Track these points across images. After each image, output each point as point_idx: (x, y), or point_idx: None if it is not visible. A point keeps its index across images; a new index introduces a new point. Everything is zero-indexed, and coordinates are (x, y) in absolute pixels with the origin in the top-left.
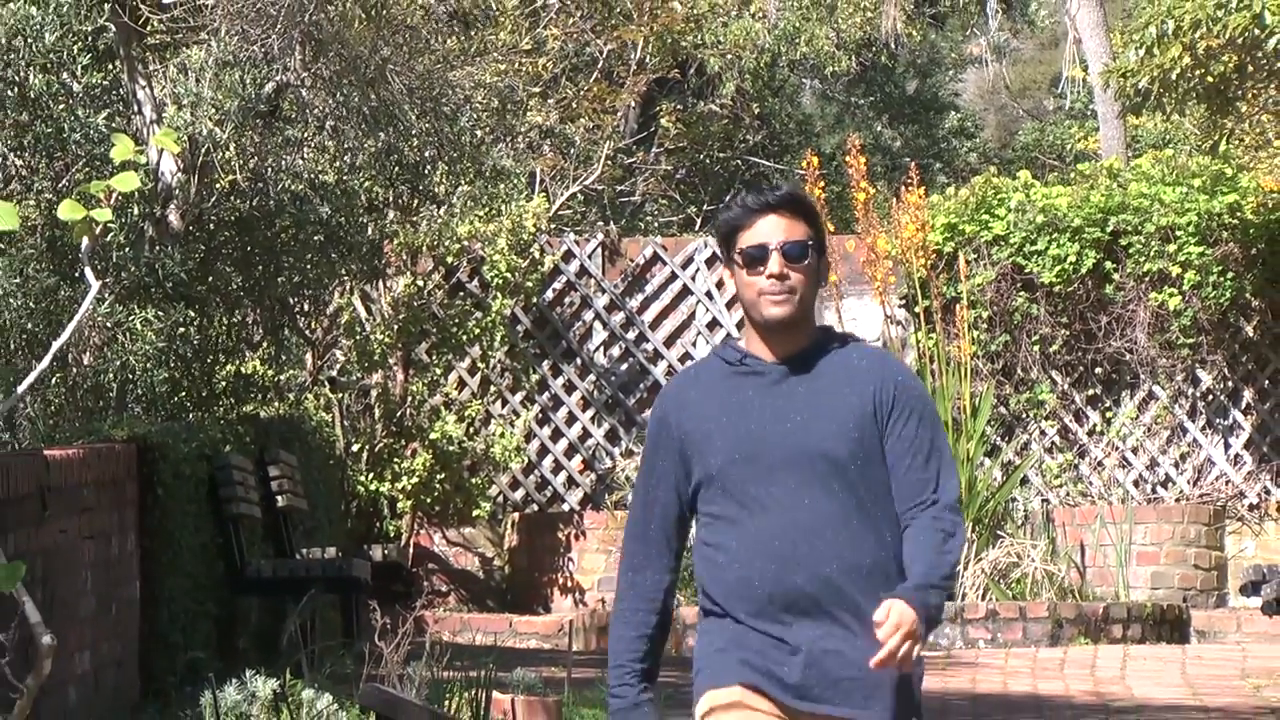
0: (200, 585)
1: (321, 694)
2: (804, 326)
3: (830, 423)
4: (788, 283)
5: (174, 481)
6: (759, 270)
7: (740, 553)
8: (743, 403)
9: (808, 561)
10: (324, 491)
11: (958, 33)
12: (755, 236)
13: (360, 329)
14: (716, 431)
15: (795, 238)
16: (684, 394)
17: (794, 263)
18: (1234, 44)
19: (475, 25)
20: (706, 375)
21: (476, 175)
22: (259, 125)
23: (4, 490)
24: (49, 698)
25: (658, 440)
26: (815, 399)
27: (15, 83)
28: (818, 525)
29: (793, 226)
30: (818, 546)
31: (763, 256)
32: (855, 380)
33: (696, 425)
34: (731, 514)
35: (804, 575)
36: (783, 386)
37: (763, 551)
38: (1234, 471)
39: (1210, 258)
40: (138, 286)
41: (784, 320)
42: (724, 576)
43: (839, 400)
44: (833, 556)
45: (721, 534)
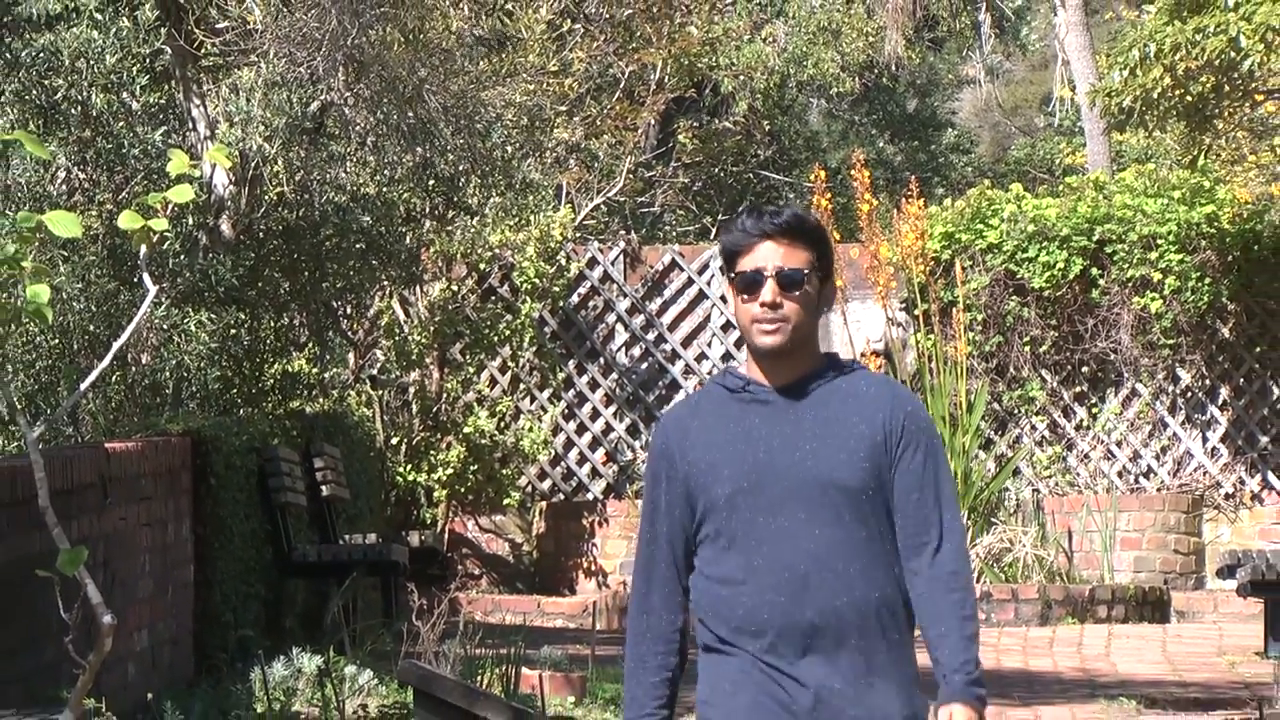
0: (250, 569)
1: (363, 670)
2: (802, 354)
3: (841, 451)
4: (780, 311)
5: (226, 472)
6: (753, 297)
7: (748, 585)
8: (749, 431)
9: (818, 594)
10: (365, 481)
11: (954, 55)
12: (752, 262)
13: (399, 330)
14: (723, 461)
15: (793, 265)
16: (685, 424)
17: (789, 291)
18: (1211, 66)
19: (505, 48)
20: (708, 404)
21: (507, 188)
22: (305, 141)
23: (68, 480)
24: (109, 673)
25: (660, 473)
26: (824, 427)
27: (78, 102)
28: (828, 557)
29: (791, 253)
30: (828, 579)
31: (758, 283)
32: (864, 408)
33: (701, 455)
34: (738, 545)
35: (814, 608)
36: (790, 414)
37: (772, 584)
38: (1211, 463)
39: (1189, 264)
40: (192, 291)
41: (775, 349)
42: (730, 610)
43: (848, 429)
44: (843, 589)
45: (727, 566)
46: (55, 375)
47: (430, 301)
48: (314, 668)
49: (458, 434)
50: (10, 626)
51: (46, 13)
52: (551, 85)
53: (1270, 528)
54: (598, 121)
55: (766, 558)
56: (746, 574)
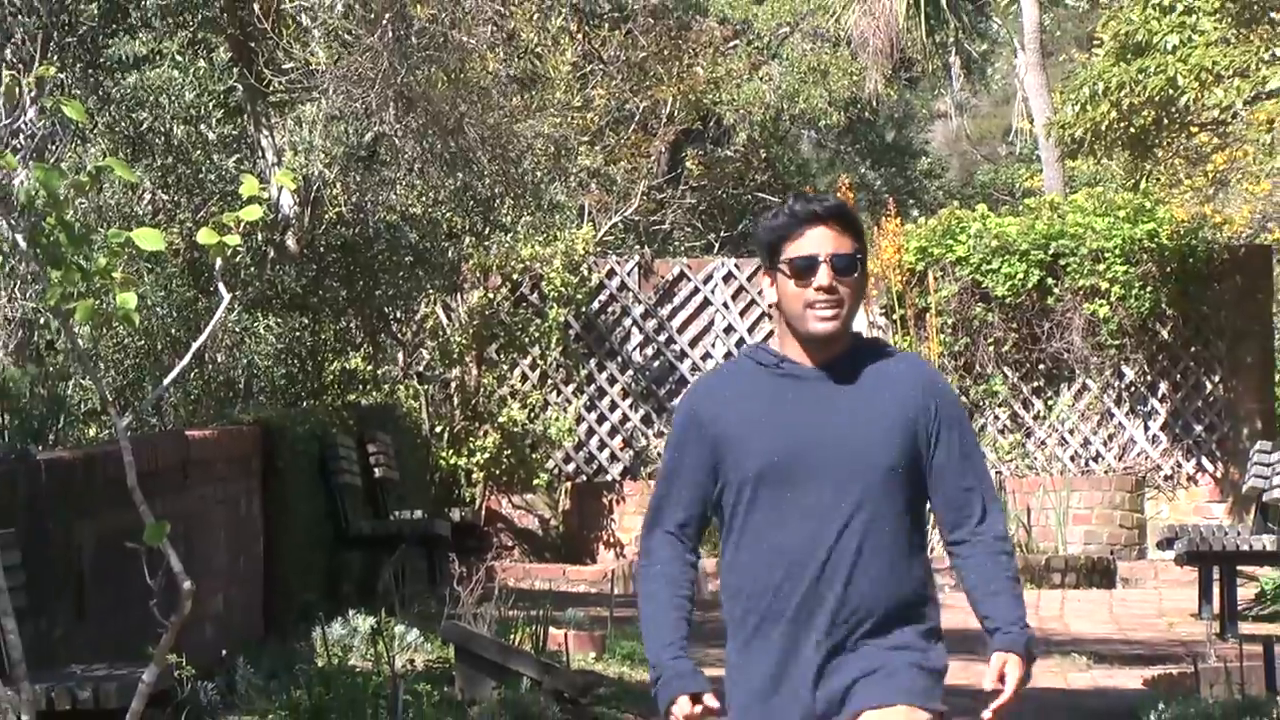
0: (312, 541)
1: (410, 629)
2: (842, 335)
3: (875, 429)
4: (836, 295)
5: (291, 457)
6: (807, 282)
7: (778, 558)
8: (782, 405)
9: (842, 571)
10: (412, 465)
11: (927, 93)
12: (804, 247)
13: (442, 333)
14: (754, 433)
15: (844, 250)
16: (717, 392)
17: (843, 276)
18: (1152, 102)
19: (535, 86)
20: (740, 376)
21: (537, 208)
22: (360, 167)
23: (153, 463)
24: (189, 633)
25: (686, 435)
26: (857, 405)
27: (162, 133)
28: (858, 532)
29: (841, 239)
30: (858, 555)
31: (812, 268)
32: (896, 387)
33: (731, 424)
34: (767, 518)
35: (837, 584)
36: (823, 391)
37: (801, 557)
38: (1152, 449)
39: (1133, 275)
40: (261, 298)
41: (831, 334)
42: (757, 584)
43: (881, 408)
44: (868, 566)
45: (755, 539)
46: (141, 372)
47: (469, 307)
48: (367, 628)
49: (493, 423)
50: (103, 592)
51: (134, 55)
52: (575, 119)
53: (1204, 505)
54: (615, 150)
55: (794, 531)
56: (773, 546)
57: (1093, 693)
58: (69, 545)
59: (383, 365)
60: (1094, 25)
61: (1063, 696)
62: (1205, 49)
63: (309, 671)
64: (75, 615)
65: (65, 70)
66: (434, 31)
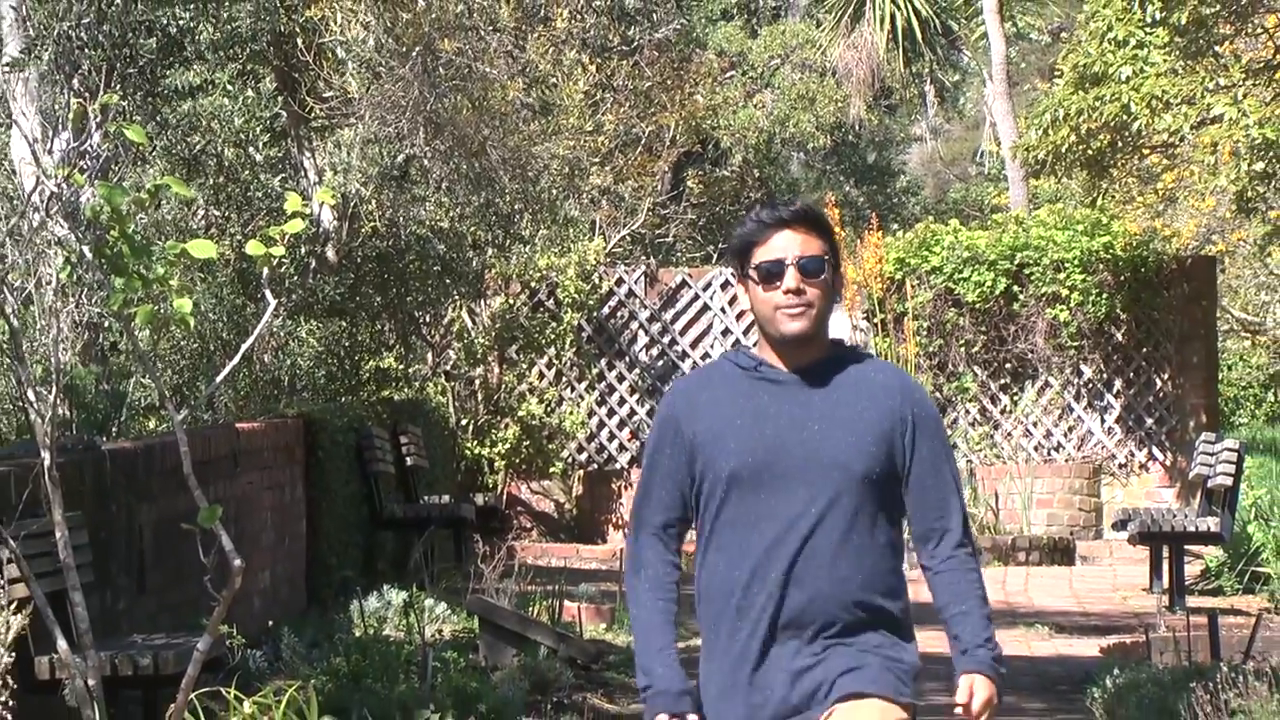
0: (349, 523)
1: (438, 603)
2: (818, 339)
3: (849, 435)
4: (804, 298)
5: (330, 447)
6: (775, 285)
7: (743, 559)
8: (758, 408)
9: (813, 573)
10: (440, 454)
11: (905, 118)
12: (771, 251)
13: (467, 335)
14: (730, 434)
15: (811, 253)
16: (695, 395)
17: (810, 278)
18: (1108, 127)
19: (551, 113)
20: (718, 378)
21: (552, 222)
22: (393, 186)
23: (206, 453)
24: (239, 605)
25: (664, 437)
26: (833, 410)
27: (214, 155)
28: (826, 536)
29: (808, 241)
30: (823, 559)
31: (779, 271)
32: (874, 395)
33: (708, 426)
34: (738, 519)
35: (808, 586)
36: (800, 395)
37: (767, 560)
38: (1108, 440)
39: (1090, 283)
40: (303, 305)
41: (800, 335)
42: (726, 583)
43: (857, 414)
44: (837, 570)
45: (726, 540)
46: (195, 371)
47: (492, 312)
48: (400, 601)
49: (513, 416)
50: (162, 569)
51: (189, 84)
52: (587, 142)
53: (1154, 490)
54: (623, 170)
55: (765, 533)
56: (745, 548)
57: (1054, 660)
58: (131, 527)
59: (413, 364)
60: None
61: (1027, 663)
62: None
63: (347, 640)
64: (136, 590)
65: (127, 98)
66: (459, 63)
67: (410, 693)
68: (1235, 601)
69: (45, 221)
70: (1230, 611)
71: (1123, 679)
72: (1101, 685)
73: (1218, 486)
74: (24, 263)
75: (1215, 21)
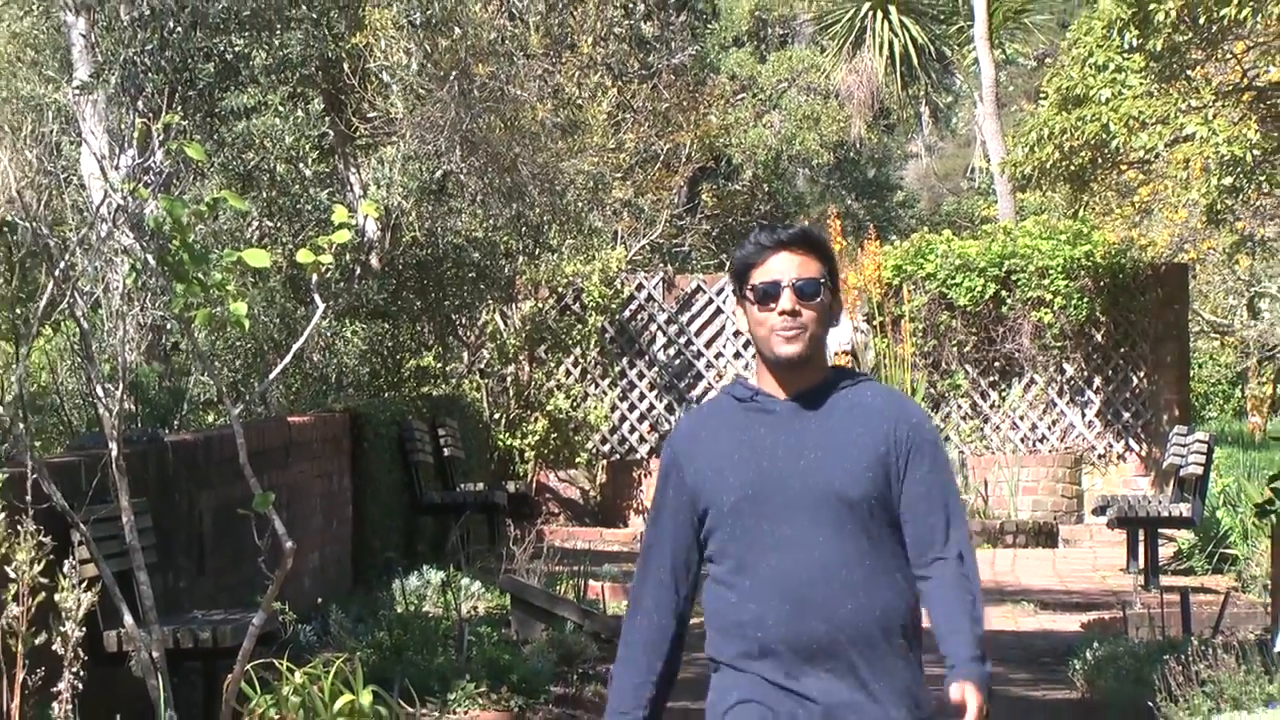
0: (392, 509)
1: (474, 581)
2: (815, 363)
3: (844, 461)
4: (799, 319)
5: (374, 439)
6: (771, 307)
7: (753, 592)
8: (755, 440)
9: (822, 602)
10: (475, 445)
11: (902, 136)
12: (768, 273)
13: (500, 336)
14: (729, 468)
15: (808, 275)
16: (695, 433)
17: (806, 300)
18: (1089, 144)
19: (576, 132)
20: (717, 414)
21: (578, 232)
22: (431, 199)
23: (261, 444)
24: (290, 584)
25: (668, 480)
26: (828, 437)
27: (266, 170)
28: (832, 565)
29: (805, 264)
30: (832, 587)
31: (775, 293)
32: (869, 419)
33: (708, 463)
34: (743, 553)
35: (818, 616)
36: (795, 424)
37: (777, 591)
38: (1088, 432)
39: (1072, 288)
40: (349, 308)
41: (795, 358)
42: (736, 616)
43: (852, 439)
44: (847, 597)
45: (733, 573)
46: (250, 369)
47: (522, 315)
48: (438, 580)
49: (542, 411)
50: (220, 551)
51: (244, 106)
52: (610, 158)
53: (1131, 478)
54: (643, 185)
55: (771, 565)
56: (752, 581)
57: (1039, 634)
58: (191, 512)
59: (450, 363)
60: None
61: (1014, 637)
62: (1133, 101)
63: (389, 616)
64: (196, 570)
65: (187, 118)
66: (492, 86)
67: (448, 664)
68: (1205, 581)
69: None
70: (1200, 590)
71: (1102, 651)
72: (1082, 657)
73: (1189, 475)
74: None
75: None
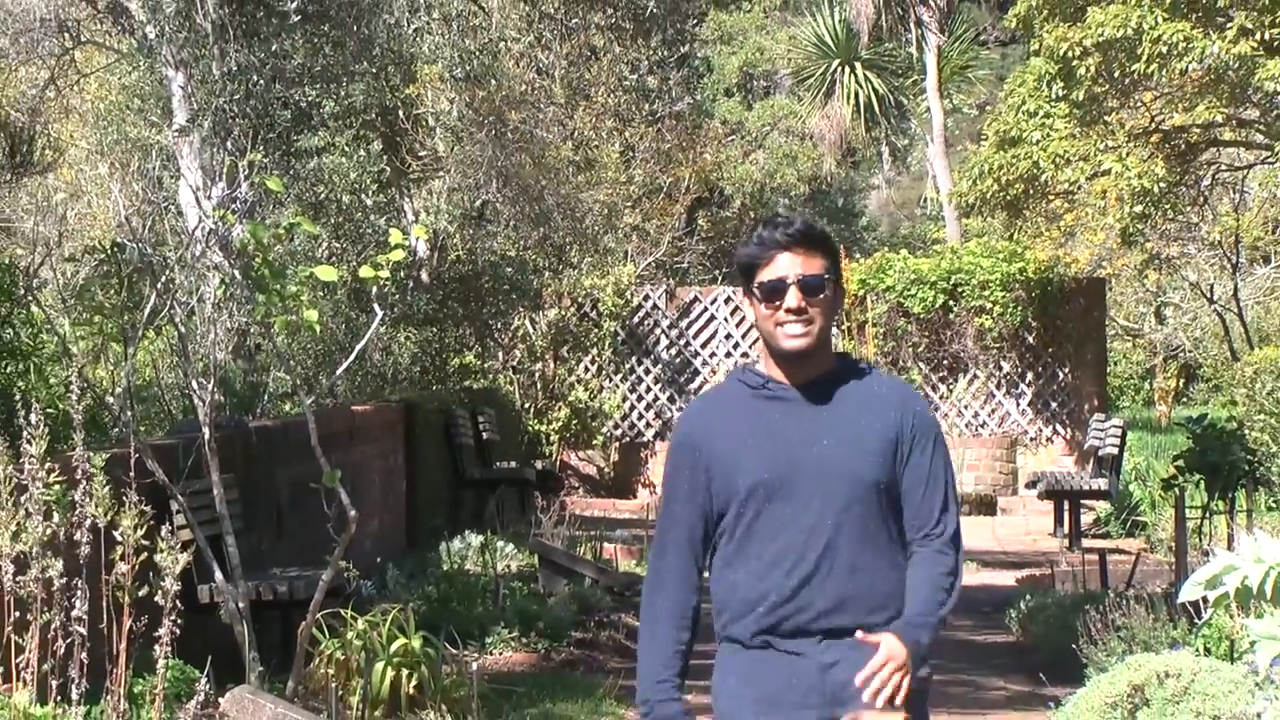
0: (439, 484)
1: (507, 544)
2: (821, 354)
3: (856, 446)
4: (805, 315)
5: (424, 425)
6: (777, 304)
7: (763, 571)
8: (770, 425)
9: (830, 581)
10: (508, 430)
11: (866, 171)
12: (773, 271)
13: (529, 338)
14: (744, 453)
15: (812, 271)
16: (709, 417)
17: (811, 295)
18: (1022, 178)
19: (593, 167)
20: (728, 399)
21: (594, 252)
22: (472, 224)
23: (329, 428)
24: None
25: (680, 461)
26: (840, 424)
27: (334, 200)
28: (841, 546)
29: (809, 260)
30: (840, 567)
31: (781, 290)
32: (877, 407)
33: (723, 446)
34: (754, 534)
35: (825, 595)
36: (807, 411)
37: (785, 570)
38: (1022, 419)
39: (1008, 298)
40: (403, 316)
41: (802, 351)
42: (745, 594)
43: (863, 426)
44: (854, 577)
45: (744, 553)
46: (319, 366)
47: (548, 320)
48: (478, 543)
49: (564, 401)
50: (295, 518)
51: (315, 146)
52: (621, 190)
53: (1058, 458)
54: (649, 212)
55: (781, 545)
56: (761, 560)
57: (980, 589)
58: (271, 486)
59: (488, 361)
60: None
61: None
62: (1059, 142)
63: (437, 573)
64: (275, 534)
65: (268, 157)
66: (523, 130)
67: (486, 613)
68: (1120, 543)
69: (205, 251)
70: (1116, 551)
71: (1033, 603)
72: (1017, 608)
73: (1106, 455)
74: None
75: (1105, 97)
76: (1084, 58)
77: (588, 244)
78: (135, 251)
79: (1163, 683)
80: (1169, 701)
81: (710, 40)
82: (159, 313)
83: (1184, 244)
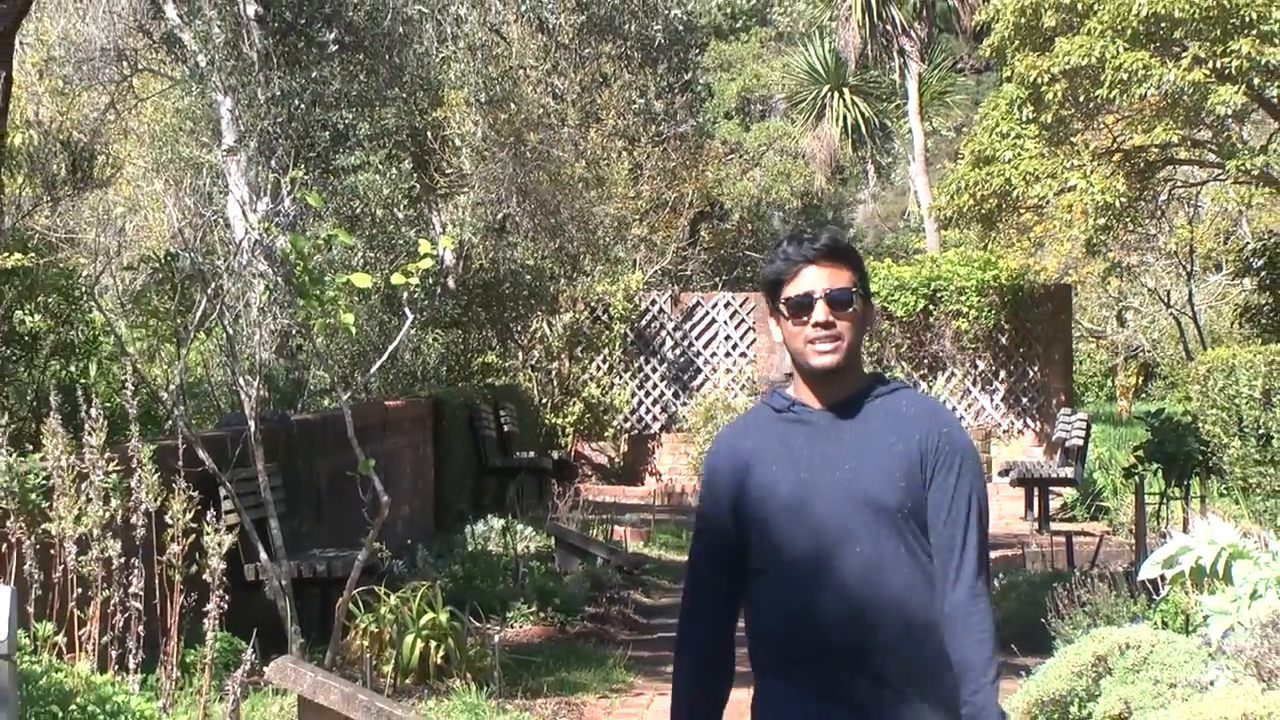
0: (464, 472)
1: (526, 527)
2: (851, 372)
3: (878, 470)
4: (834, 330)
5: (451, 419)
6: (805, 320)
7: (791, 600)
8: (793, 450)
9: (858, 609)
10: (527, 423)
11: (853, 187)
12: (800, 286)
13: (546, 339)
14: (767, 480)
15: (840, 285)
16: (736, 445)
17: (839, 309)
18: (996, 194)
19: (604, 183)
20: (755, 425)
21: (606, 260)
22: (494, 235)
23: (364, 422)
24: (386, 530)
25: (712, 491)
26: (862, 446)
27: (369, 214)
28: (867, 573)
29: (836, 274)
30: (867, 595)
31: (809, 305)
32: (903, 428)
33: (748, 473)
34: (782, 562)
35: (854, 624)
36: (831, 433)
37: (814, 599)
38: (996, 414)
39: (984, 303)
40: (431, 319)
41: (831, 368)
42: (774, 624)
43: (886, 448)
44: (882, 605)
45: (772, 582)
46: (355, 365)
47: (563, 323)
48: (499, 526)
49: (579, 396)
50: (333, 503)
51: (351, 165)
52: (629, 205)
53: (1029, 449)
54: (655, 224)
55: (809, 574)
56: (790, 590)
57: None
58: (311, 474)
59: (508, 360)
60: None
61: None
62: (1029, 160)
63: (462, 554)
64: (315, 518)
65: (308, 174)
66: (540, 149)
67: (507, 590)
68: (1085, 526)
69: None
70: (1081, 534)
71: (1005, 580)
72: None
73: (1073, 446)
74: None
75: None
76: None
77: (599, 253)
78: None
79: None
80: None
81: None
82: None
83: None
